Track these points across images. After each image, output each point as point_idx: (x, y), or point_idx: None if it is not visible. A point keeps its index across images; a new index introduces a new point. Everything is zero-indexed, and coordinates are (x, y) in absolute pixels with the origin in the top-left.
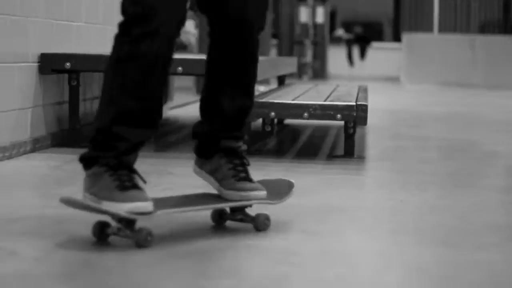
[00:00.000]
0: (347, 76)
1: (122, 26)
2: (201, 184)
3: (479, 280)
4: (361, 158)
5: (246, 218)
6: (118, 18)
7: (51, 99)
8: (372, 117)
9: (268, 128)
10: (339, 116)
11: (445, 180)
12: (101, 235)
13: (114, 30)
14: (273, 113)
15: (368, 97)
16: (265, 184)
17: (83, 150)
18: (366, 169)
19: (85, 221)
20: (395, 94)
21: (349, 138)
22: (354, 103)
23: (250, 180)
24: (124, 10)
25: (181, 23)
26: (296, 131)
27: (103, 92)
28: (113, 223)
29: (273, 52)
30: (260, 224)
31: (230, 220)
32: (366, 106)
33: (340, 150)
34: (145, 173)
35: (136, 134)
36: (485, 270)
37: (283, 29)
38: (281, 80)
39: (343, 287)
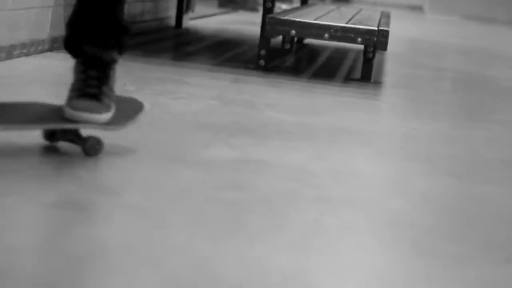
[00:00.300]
0: (371, 0)
1: None
2: (214, 95)
3: (482, 213)
4: (378, 83)
5: (77, 140)
6: None
7: None
8: (391, 44)
9: (288, 46)
10: (359, 39)
11: (459, 112)
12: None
13: None
14: (293, 31)
15: (390, 23)
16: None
17: None
18: (382, 95)
19: None
20: (416, 23)
21: (368, 62)
22: (376, 28)
23: (98, 99)
24: None
25: None
26: (315, 51)
27: None
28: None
29: None
30: (90, 149)
31: (61, 141)
32: (387, 31)
33: (358, 74)
34: (162, 80)
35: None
36: (490, 203)
37: None
38: (304, 0)
39: (349, 207)
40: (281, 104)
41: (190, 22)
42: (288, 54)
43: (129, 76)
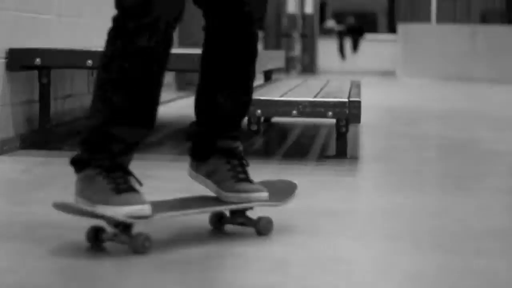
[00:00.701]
0: (338, 70)
1: (116, 20)
2: (182, 188)
3: None
4: (355, 158)
5: (248, 222)
6: (90, 9)
7: (20, 98)
8: (366, 115)
9: (254, 127)
10: (330, 113)
11: (443, 182)
12: (96, 241)
13: (87, 23)
14: (259, 111)
15: (362, 93)
16: (266, 185)
17: (54, 152)
18: (360, 170)
19: (59, 226)
20: (390, 89)
21: (341, 137)
22: (347, 100)
23: (250, 181)
24: (118, 2)
25: (180, 15)
26: (284, 130)
27: (97, 90)
28: (109, 229)
29: (260, 45)
30: (263, 228)
31: (230, 224)
32: (359, 102)
33: (332, 150)
34: None
35: (131, 134)
36: (486, 277)
37: (270, 21)
38: (268, 76)
39: None
40: None
41: None
42: (256, 136)
43: None
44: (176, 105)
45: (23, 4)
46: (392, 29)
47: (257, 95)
